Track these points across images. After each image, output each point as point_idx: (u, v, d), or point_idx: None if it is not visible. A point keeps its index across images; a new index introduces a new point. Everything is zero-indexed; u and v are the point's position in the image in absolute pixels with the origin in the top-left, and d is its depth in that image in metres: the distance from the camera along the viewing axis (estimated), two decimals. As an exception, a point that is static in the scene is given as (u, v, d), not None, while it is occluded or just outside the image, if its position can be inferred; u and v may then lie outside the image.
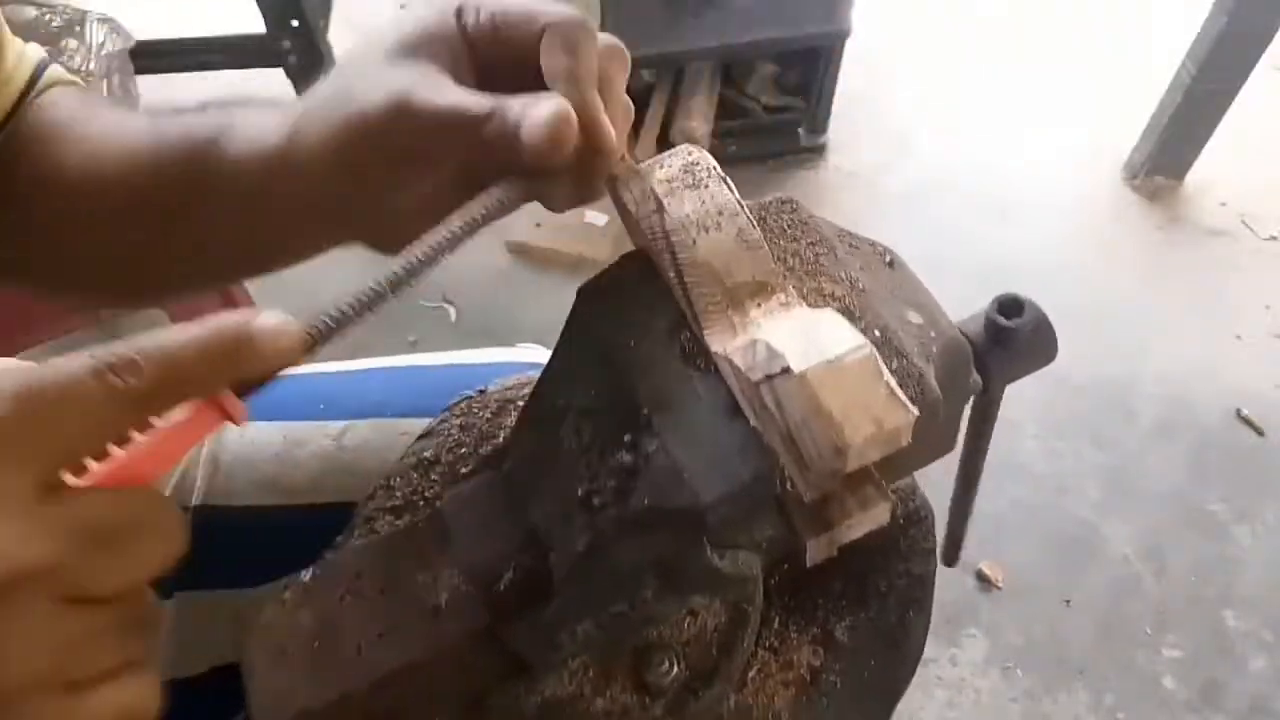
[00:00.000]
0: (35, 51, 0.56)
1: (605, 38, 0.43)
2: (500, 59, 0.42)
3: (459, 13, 0.42)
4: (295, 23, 1.94)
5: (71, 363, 0.28)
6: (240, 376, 0.32)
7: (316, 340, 0.34)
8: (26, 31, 1.29)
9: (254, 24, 1.96)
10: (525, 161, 0.39)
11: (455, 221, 0.39)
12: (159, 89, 1.53)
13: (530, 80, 0.41)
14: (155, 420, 0.30)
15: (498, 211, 0.41)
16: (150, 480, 0.30)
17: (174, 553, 0.30)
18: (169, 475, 0.63)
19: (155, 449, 0.30)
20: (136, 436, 0.30)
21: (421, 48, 0.42)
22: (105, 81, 1.32)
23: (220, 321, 0.30)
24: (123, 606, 0.29)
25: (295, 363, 0.32)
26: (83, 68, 1.30)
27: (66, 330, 1.29)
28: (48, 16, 1.33)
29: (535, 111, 0.38)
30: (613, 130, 0.41)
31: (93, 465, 0.29)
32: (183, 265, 0.54)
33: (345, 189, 0.44)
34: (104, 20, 1.48)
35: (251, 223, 0.48)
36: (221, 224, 0.49)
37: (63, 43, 1.30)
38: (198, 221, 0.50)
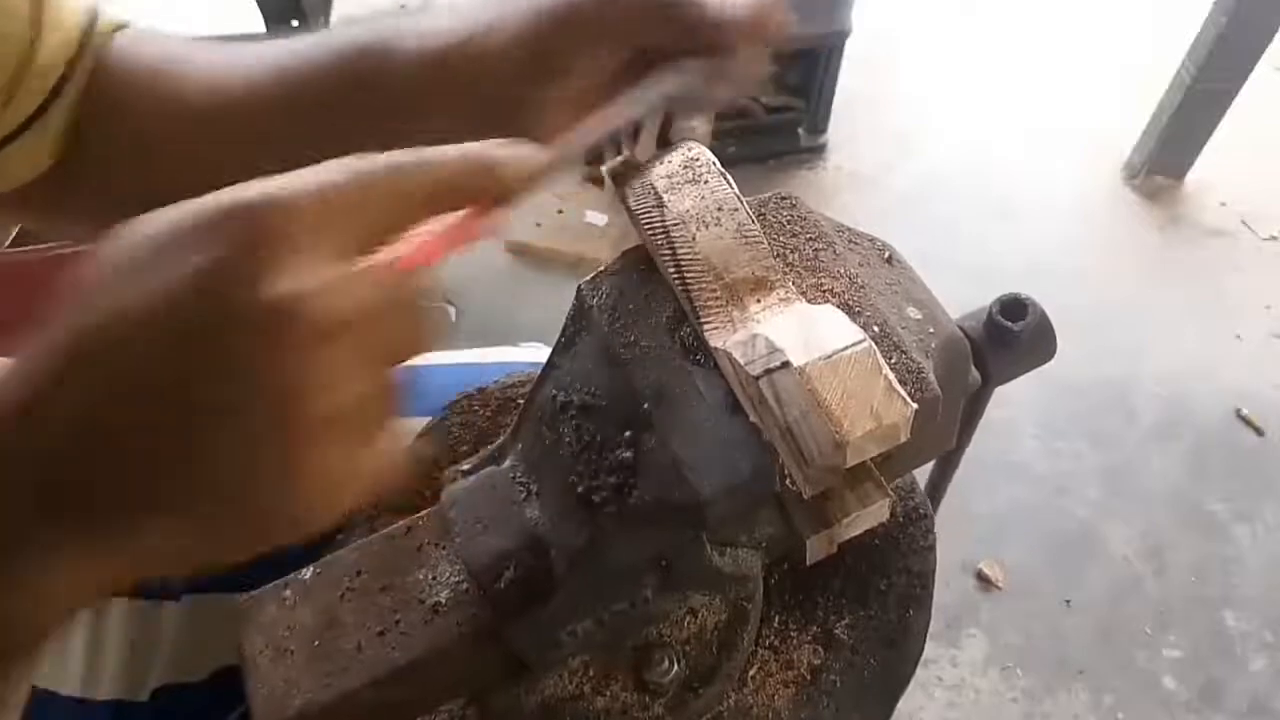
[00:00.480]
0: None
1: None
2: None
3: None
4: (295, 23, 1.95)
5: (376, 161, 0.33)
6: (493, 193, 0.36)
7: (551, 170, 0.39)
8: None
9: (254, 24, 1.96)
10: (716, 39, 0.43)
11: (650, 92, 0.43)
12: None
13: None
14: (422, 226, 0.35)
15: (682, 90, 0.44)
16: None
17: (441, 332, 0.36)
18: None
19: (424, 247, 0.35)
20: (410, 234, 0.35)
21: None
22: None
23: (478, 146, 0.36)
24: (391, 382, 0.34)
25: (537, 187, 0.38)
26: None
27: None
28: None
29: None
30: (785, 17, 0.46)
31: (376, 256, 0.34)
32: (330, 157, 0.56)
33: (528, 78, 0.46)
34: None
35: (415, 119, 0.50)
36: (384, 123, 0.50)
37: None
38: (359, 122, 0.51)
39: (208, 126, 0.53)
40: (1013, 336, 0.48)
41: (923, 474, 0.61)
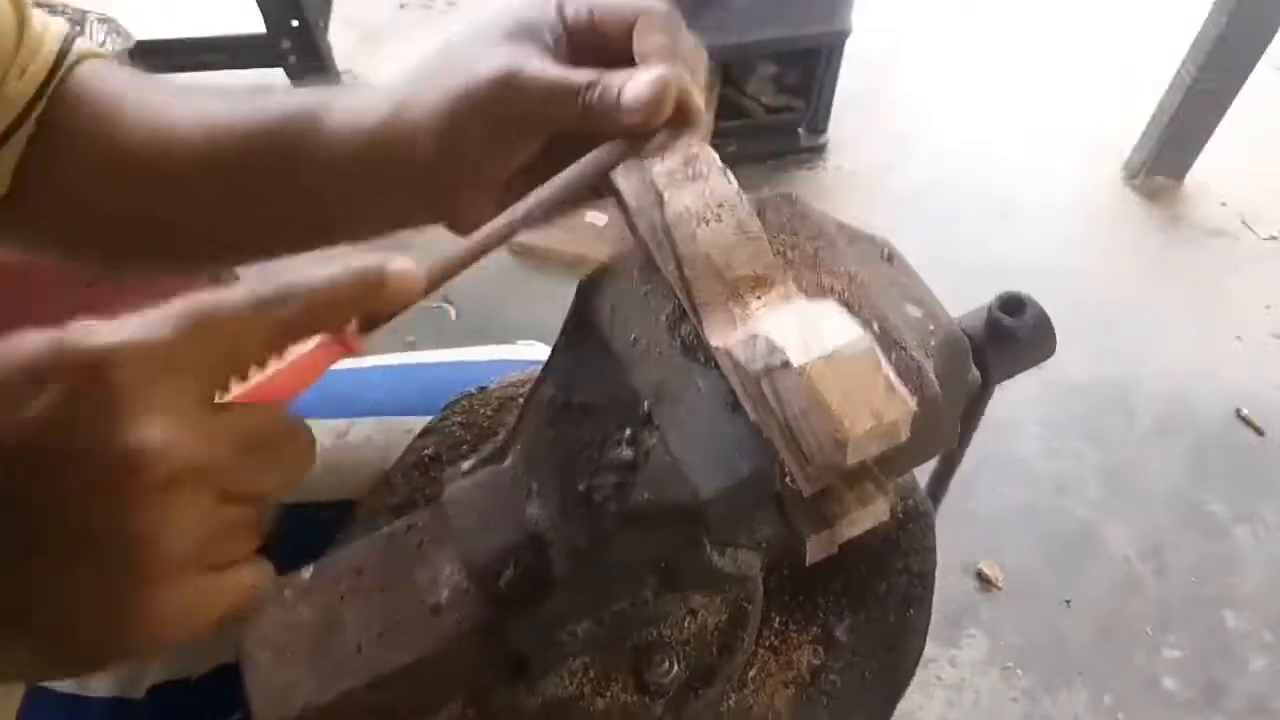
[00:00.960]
0: (59, 23, 0.56)
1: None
2: (594, 50, 0.45)
3: (559, 5, 0.46)
4: (295, 23, 1.95)
5: (234, 295, 0.32)
6: (368, 313, 0.36)
7: (433, 285, 0.39)
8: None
9: (254, 24, 1.96)
10: (624, 126, 0.42)
11: (557, 185, 0.42)
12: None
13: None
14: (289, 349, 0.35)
15: (595, 174, 0.43)
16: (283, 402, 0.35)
17: (307, 466, 0.35)
18: None
19: (289, 375, 0.35)
20: (270, 365, 0.35)
21: (523, 33, 0.46)
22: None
23: (356, 263, 0.35)
24: (255, 510, 0.34)
25: (414, 302, 0.37)
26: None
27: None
28: (47, 16, 1.32)
29: (639, 78, 0.42)
30: (701, 101, 0.44)
31: (235, 388, 0.34)
32: (253, 235, 0.56)
33: (445, 162, 0.46)
34: (104, 20, 1.47)
35: (339, 197, 0.50)
36: (307, 198, 0.51)
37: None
38: (281, 194, 0.51)
39: (143, 173, 0.53)
40: (1012, 333, 0.48)
41: (924, 474, 0.60)
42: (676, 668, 0.47)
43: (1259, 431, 1.67)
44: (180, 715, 0.59)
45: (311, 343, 0.35)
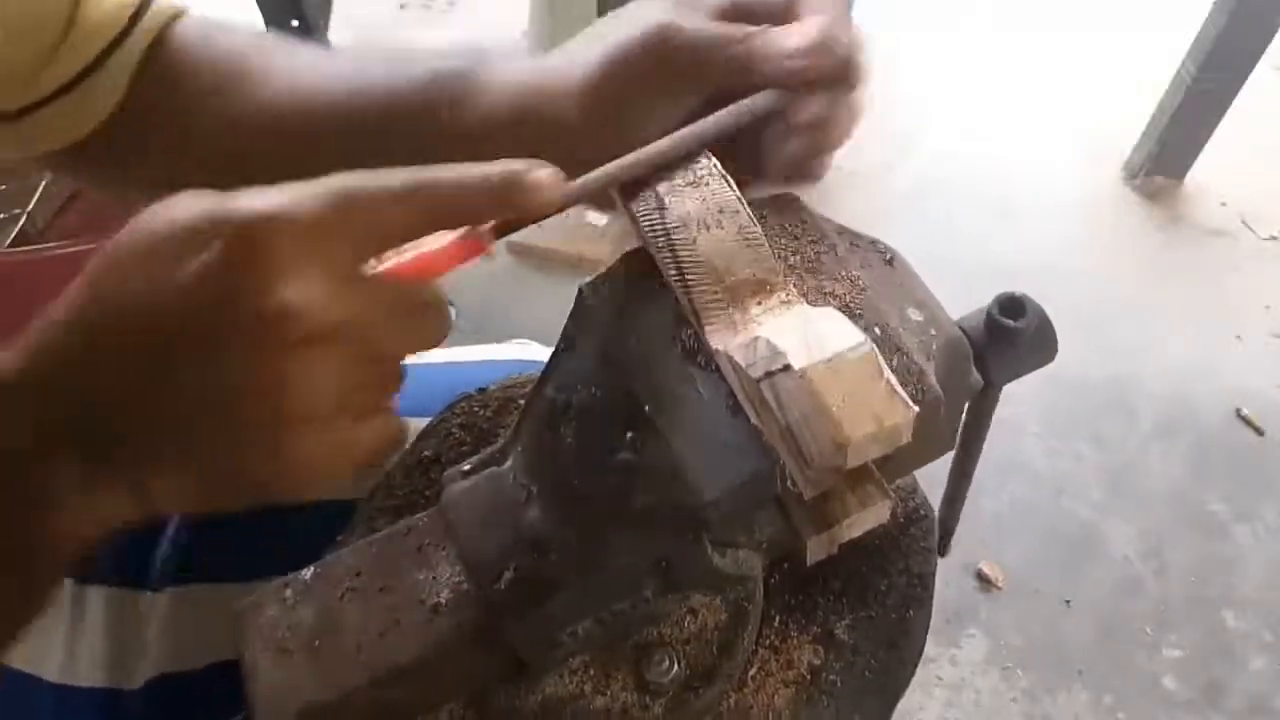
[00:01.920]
0: None
1: None
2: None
3: None
4: (295, 23, 1.95)
5: (385, 178, 0.34)
6: (507, 214, 0.37)
7: (572, 200, 0.39)
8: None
9: (254, 24, 1.96)
10: (785, 74, 0.42)
11: (708, 122, 0.42)
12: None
13: None
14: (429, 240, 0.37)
15: (749, 116, 0.43)
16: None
17: (442, 333, 0.37)
18: None
19: (423, 261, 0.37)
20: (410, 249, 0.37)
21: (685, 2, 0.46)
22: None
23: (503, 165, 0.36)
24: (394, 367, 0.37)
25: (551, 213, 0.38)
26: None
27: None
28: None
29: (802, 25, 0.42)
30: (862, 60, 0.45)
31: (374, 266, 0.36)
32: None
33: (598, 122, 0.46)
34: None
35: (487, 157, 0.50)
36: (454, 158, 0.51)
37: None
38: (427, 154, 0.51)
39: (277, 133, 0.54)
40: (1012, 335, 0.48)
41: (937, 480, 0.61)
42: (676, 667, 0.47)
43: (1259, 431, 1.67)
44: (176, 709, 0.59)
45: (447, 236, 0.37)
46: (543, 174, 0.37)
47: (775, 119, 0.44)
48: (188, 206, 0.32)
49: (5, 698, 0.57)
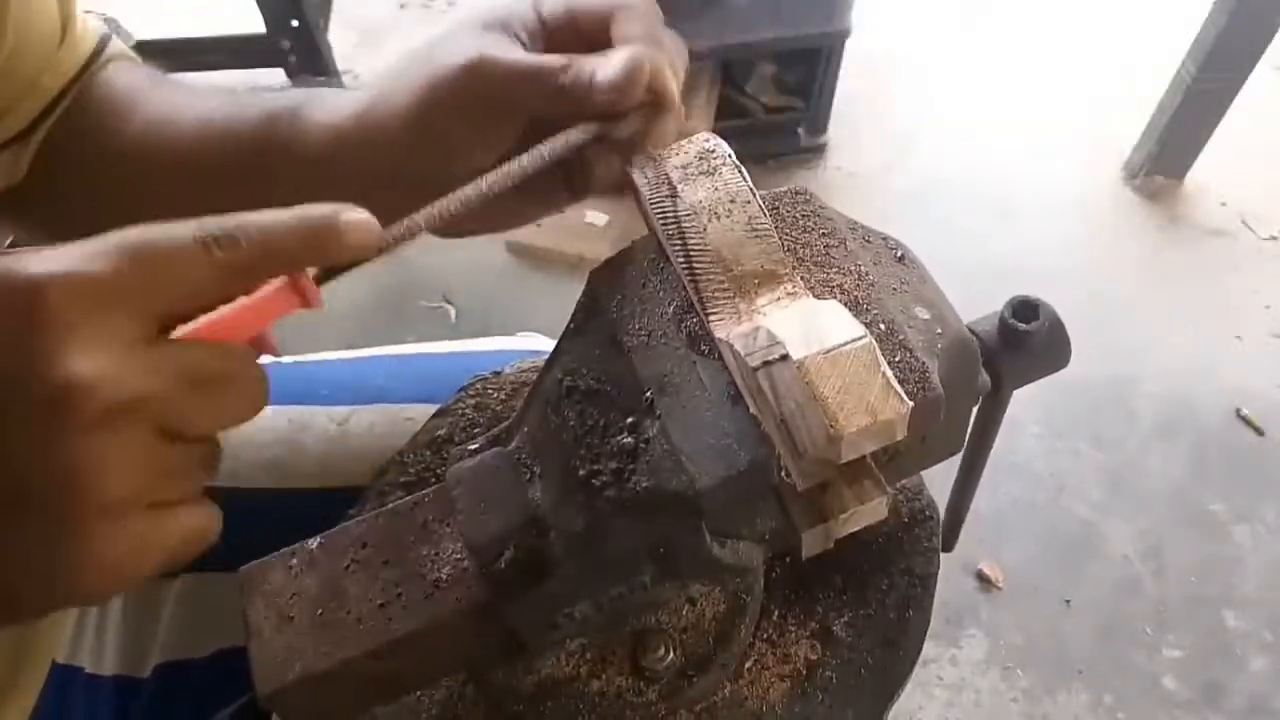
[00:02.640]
0: (97, 24, 0.58)
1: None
2: (571, 47, 0.45)
3: (536, 2, 0.47)
4: (295, 23, 1.95)
5: (180, 228, 0.31)
6: (322, 261, 0.35)
7: (389, 245, 0.37)
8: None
9: (254, 24, 1.96)
10: (598, 106, 0.42)
11: (524, 158, 0.42)
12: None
13: None
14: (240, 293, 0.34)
15: (564, 150, 0.43)
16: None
17: (257, 406, 0.34)
18: None
19: (238, 318, 0.34)
20: (222, 306, 0.33)
21: (496, 26, 0.46)
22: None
23: (312, 208, 0.34)
24: (203, 446, 0.33)
25: (369, 257, 0.36)
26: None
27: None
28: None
29: (612, 58, 0.42)
30: (675, 85, 0.44)
31: (182, 327, 0.32)
32: None
33: (421, 153, 0.46)
34: (104, 20, 1.48)
35: (318, 194, 0.50)
36: (288, 194, 0.51)
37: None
38: (262, 190, 0.52)
39: (139, 169, 0.54)
40: (1025, 339, 0.48)
41: (947, 482, 0.61)
42: (672, 655, 0.48)
43: (1259, 431, 1.67)
44: (185, 694, 0.59)
45: (267, 288, 0.34)
46: (355, 216, 0.35)
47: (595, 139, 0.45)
48: None
49: (53, 691, 0.57)
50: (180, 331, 0.32)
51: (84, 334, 0.28)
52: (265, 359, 0.36)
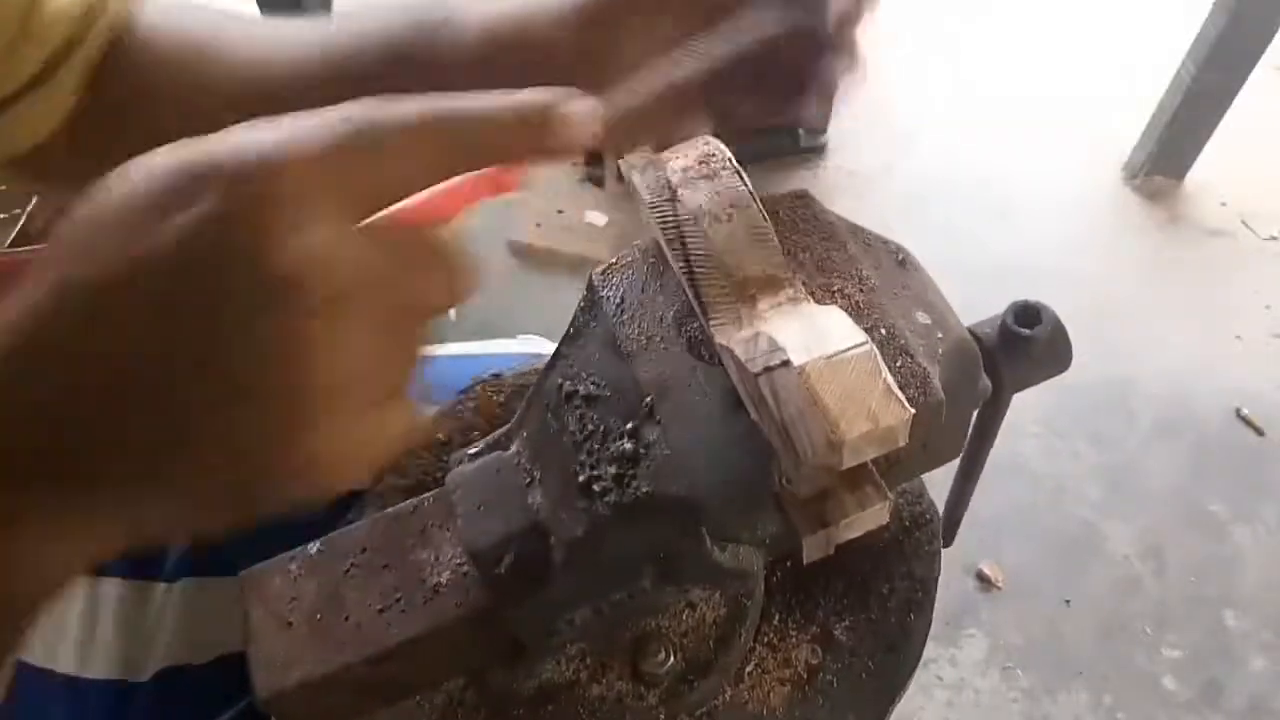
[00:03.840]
0: None
1: None
2: None
3: None
4: (295, 22, 1.94)
5: (404, 108, 0.29)
6: (539, 151, 0.33)
7: (611, 136, 0.35)
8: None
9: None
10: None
11: (716, 43, 0.40)
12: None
13: None
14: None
15: (753, 41, 0.41)
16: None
17: (469, 287, 0.32)
18: None
19: (443, 199, 0.33)
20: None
21: None
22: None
23: (535, 96, 0.32)
24: (415, 337, 0.32)
25: (586, 150, 0.34)
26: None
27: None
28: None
29: None
30: None
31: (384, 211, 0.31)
32: None
33: (592, 46, 0.43)
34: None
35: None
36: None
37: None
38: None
39: (248, 106, 0.52)
40: (1026, 343, 0.48)
41: (944, 487, 0.61)
42: (672, 659, 0.48)
43: (1259, 431, 1.67)
44: (184, 701, 0.59)
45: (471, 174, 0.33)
46: (582, 105, 0.32)
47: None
48: (168, 155, 0.28)
49: (19, 692, 0.57)
50: (390, 213, 0.31)
51: (305, 217, 0.27)
52: None
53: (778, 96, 0.45)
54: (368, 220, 0.29)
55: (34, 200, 1.22)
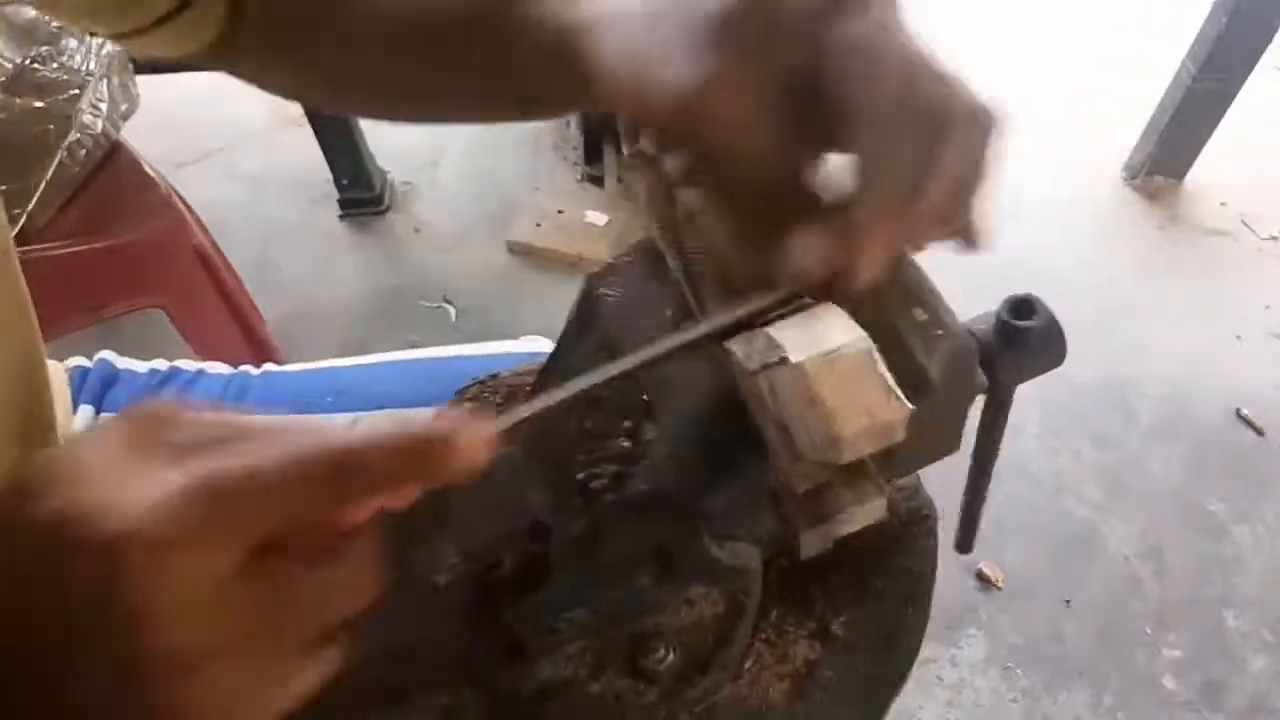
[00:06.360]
0: None
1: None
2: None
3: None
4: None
5: (265, 468, 0.28)
6: (421, 482, 0.32)
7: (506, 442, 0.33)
8: (27, 31, 1.29)
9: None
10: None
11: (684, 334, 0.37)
12: (159, 89, 1.54)
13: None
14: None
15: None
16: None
17: (365, 598, 0.32)
18: None
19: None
20: None
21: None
22: (105, 81, 1.32)
23: (420, 430, 0.30)
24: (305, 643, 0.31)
25: (478, 473, 0.32)
26: (82, 68, 1.30)
27: (66, 330, 1.29)
28: (47, 17, 1.33)
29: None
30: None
31: None
32: (453, 96, 0.54)
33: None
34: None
35: (543, 79, 0.45)
36: (511, 73, 0.47)
37: (62, 42, 1.30)
38: (483, 66, 0.49)
39: (356, 35, 0.52)
40: (1022, 337, 0.48)
41: (944, 485, 0.61)
42: (671, 656, 0.48)
43: (1259, 431, 1.67)
44: None
45: None
46: (475, 434, 0.31)
47: None
48: (55, 505, 0.28)
49: None
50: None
51: (165, 592, 0.27)
52: (269, 366, 0.35)
53: None
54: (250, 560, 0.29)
55: (34, 200, 1.22)
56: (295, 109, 1.99)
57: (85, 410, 0.68)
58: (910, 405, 0.35)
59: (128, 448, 0.30)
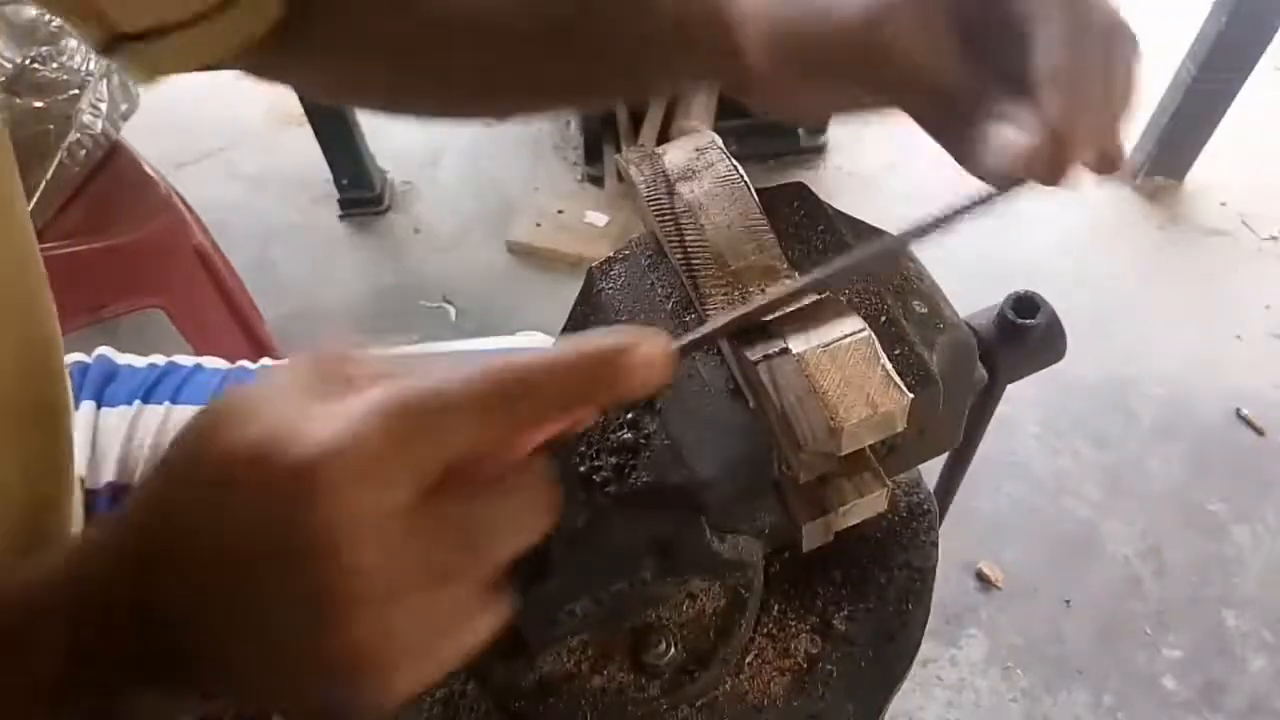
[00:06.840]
0: None
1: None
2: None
3: None
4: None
5: (451, 388, 0.28)
6: (609, 400, 0.31)
7: (680, 359, 0.33)
8: (27, 31, 1.29)
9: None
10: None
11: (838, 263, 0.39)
12: (158, 88, 1.54)
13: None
14: None
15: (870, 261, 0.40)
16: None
17: (543, 524, 0.32)
18: None
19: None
20: None
21: None
22: (105, 81, 1.33)
23: (599, 346, 0.30)
24: (483, 581, 0.31)
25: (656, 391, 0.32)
26: (82, 68, 1.30)
27: (66, 330, 1.29)
28: (47, 17, 1.33)
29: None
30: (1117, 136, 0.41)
31: None
32: (551, 81, 0.51)
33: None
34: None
35: (656, 59, 0.44)
36: (619, 57, 0.46)
37: (62, 43, 1.30)
38: (587, 54, 0.47)
39: (449, 29, 0.49)
40: (1023, 333, 0.48)
41: (933, 473, 0.61)
42: (673, 650, 0.48)
43: (1259, 431, 1.67)
44: None
45: None
46: (653, 350, 0.30)
47: None
48: (236, 437, 0.28)
49: None
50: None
51: (357, 513, 0.27)
52: (266, 361, 0.35)
53: None
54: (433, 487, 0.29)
55: (34, 200, 1.22)
56: (295, 109, 1.99)
57: (86, 405, 0.68)
58: (911, 395, 0.35)
59: (312, 381, 0.30)
